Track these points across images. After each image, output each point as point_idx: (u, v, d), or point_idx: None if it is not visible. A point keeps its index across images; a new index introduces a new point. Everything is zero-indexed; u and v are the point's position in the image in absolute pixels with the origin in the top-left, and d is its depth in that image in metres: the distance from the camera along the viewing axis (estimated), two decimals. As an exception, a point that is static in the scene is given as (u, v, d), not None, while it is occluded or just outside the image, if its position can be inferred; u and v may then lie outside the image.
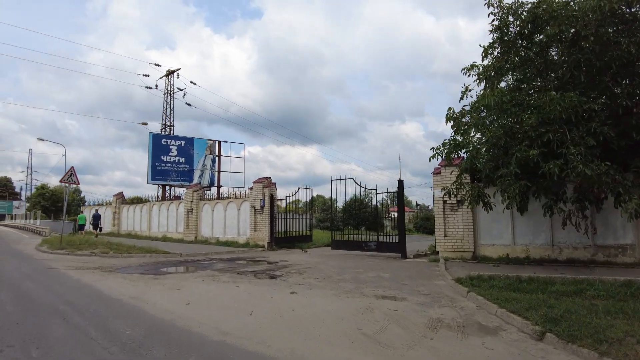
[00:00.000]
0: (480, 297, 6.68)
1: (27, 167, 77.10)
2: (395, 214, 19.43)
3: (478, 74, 10.79)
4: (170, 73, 35.88)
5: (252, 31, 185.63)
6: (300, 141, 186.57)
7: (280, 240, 17.72)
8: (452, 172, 11.61)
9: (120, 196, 28.78)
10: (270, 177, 17.79)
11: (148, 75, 37.61)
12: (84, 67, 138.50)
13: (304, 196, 18.93)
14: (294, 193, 18.29)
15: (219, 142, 29.90)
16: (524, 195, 9.25)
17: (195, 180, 28.23)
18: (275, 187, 17.91)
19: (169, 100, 35.44)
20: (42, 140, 32.41)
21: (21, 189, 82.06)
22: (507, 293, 6.74)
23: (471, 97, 10.62)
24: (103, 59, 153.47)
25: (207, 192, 24.61)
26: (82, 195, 72.82)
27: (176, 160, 28.18)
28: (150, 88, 35.95)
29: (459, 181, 10.26)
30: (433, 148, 9.70)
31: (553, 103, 8.23)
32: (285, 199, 18.33)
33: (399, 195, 13.80)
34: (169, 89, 35.71)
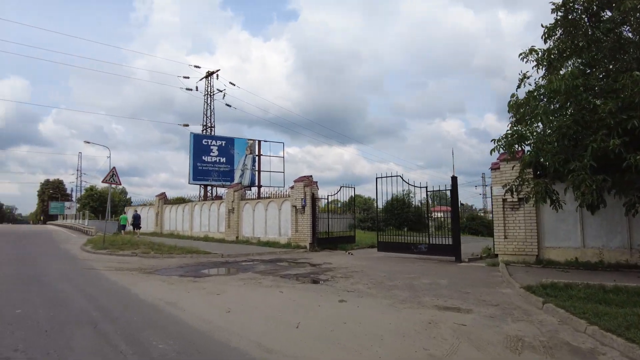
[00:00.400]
0: (560, 309, 5.72)
1: (77, 170, 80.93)
2: (439, 214, 18.36)
3: (537, 59, 9.68)
4: (209, 74, 36.14)
5: (288, 33, 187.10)
6: (338, 141, 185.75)
7: (322, 241, 17.09)
8: (513, 166, 10.51)
9: (162, 196, 29.16)
10: (311, 176, 17.21)
11: (188, 77, 38.25)
12: (129, 74, 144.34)
13: (345, 196, 18.25)
14: (335, 192, 17.64)
15: (259, 141, 29.76)
16: (600, 191, 8.11)
17: (236, 180, 28.21)
18: (317, 185, 17.30)
19: (209, 102, 35.71)
20: (89, 142, 33.77)
21: (72, 190, 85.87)
22: (593, 305, 5.73)
23: (529, 84, 9.53)
24: (146, 65, 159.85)
25: (248, 192, 24.37)
26: (128, 196, 75.57)
27: (217, 160, 28.23)
28: (191, 90, 36.41)
29: (522, 177, 9.20)
30: (494, 140, 8.72)
31: (637, 85, 7.09)
32: (327, 198, 17.68)
33: (453, 193, 12.79)
34: (208, 90, 35.98)
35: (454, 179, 12.88)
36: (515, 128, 9.00)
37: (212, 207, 23.69)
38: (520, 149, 9.04)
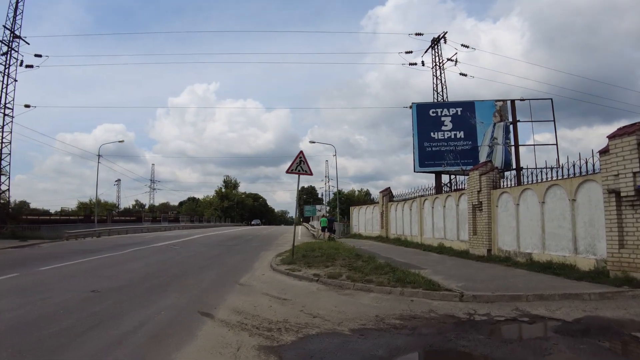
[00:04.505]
0: None
1: (325, 177, 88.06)
2: None
3: None
4: (435, 42, 28.74)
5: (518, 6, 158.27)
6: (601, 119, 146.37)
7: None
8: None
9: (386, 192, 23.21)
10: (653, 122, 7.81)
11: (411, 52, 31.72)
12: (363, 87, 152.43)
13: None
14: None
15: (512, 101, 20.27)
16: None
17: (482, 160, 19.75)
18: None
19: (438, 74, 28.31)
20: (314, 142, 31.27)
21: (322, 195, 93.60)
22: None
23: None
24: (379, 76, 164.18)
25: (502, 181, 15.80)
26: (372, 197, 75.64)
27: (451, 135, 20.29)
28: (415, 64, 29.98)
29: None
30: None
31: None
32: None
33: None
34: (436, 60, 28.61)
35: None
36: None
37: (447, 203, 16.12)
38: None
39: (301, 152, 12.79)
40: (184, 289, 8.38)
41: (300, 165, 12.71)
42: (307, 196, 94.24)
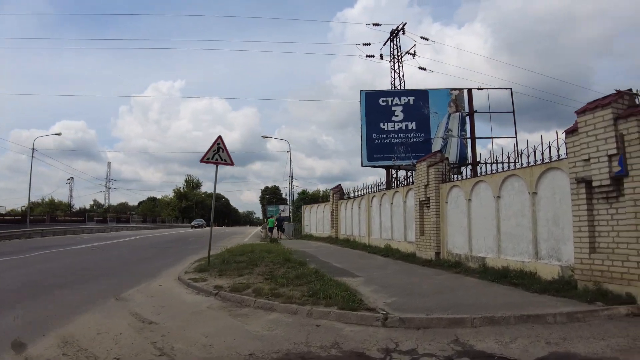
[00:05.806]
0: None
1: (289, 176, 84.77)
2: None
3: None
4: (394, 33, 27.17)
5: (481, 12, 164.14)
6: (557, 122, 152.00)
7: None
8: None
9: (337, 189, 21.30)
10: None
11: (369, 44, 30.14)
12: (332, 89, 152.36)
13: None
14: None
15: (469, 90, 18.76)
16: None
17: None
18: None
19: (396, 68, 26.78)
20: (266, 137, 29.40)
21: (286, 195, 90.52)
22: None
23: None
24: (347, 77, 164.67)
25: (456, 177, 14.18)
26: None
27: (402, 126, 18.49)
28: (372, 56, 28.42)
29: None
30: None
31: None
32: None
33: None
34: (394, 53, 27.09)
35: None
36: None
37: (395, 199, 14.34)
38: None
39: (219, 137, 10.66)
40: (37, 305, 6.53)
41: (217, 153, 10.57)
42: (271, 196, 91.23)
